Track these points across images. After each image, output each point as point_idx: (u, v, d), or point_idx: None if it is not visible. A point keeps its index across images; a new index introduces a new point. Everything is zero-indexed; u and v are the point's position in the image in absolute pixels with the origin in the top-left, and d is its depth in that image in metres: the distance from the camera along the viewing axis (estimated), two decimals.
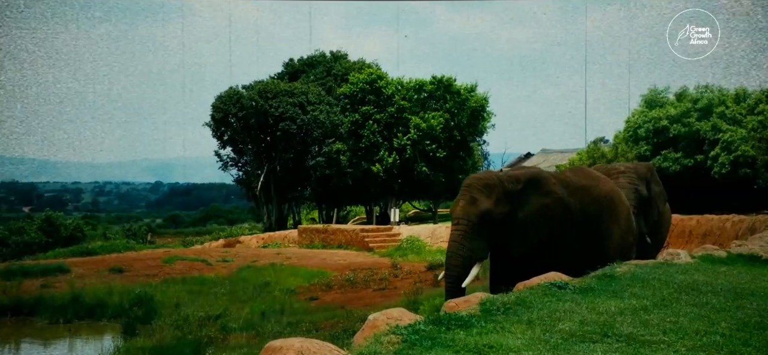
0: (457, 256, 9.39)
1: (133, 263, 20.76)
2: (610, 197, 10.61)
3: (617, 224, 10.54)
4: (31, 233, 30.33)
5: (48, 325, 15.19)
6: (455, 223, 9.59)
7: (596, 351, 5.14)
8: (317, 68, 40.56)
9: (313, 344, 4.96)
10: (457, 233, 9.49)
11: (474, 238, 9.39)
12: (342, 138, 36.64)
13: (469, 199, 9.55)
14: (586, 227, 10.15)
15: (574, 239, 10.05)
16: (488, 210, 9.44)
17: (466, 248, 9.37)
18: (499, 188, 9.68)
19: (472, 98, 37.63)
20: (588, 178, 10.80)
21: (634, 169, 12.88)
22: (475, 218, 9.40)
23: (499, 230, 9.56)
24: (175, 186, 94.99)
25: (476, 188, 9.67)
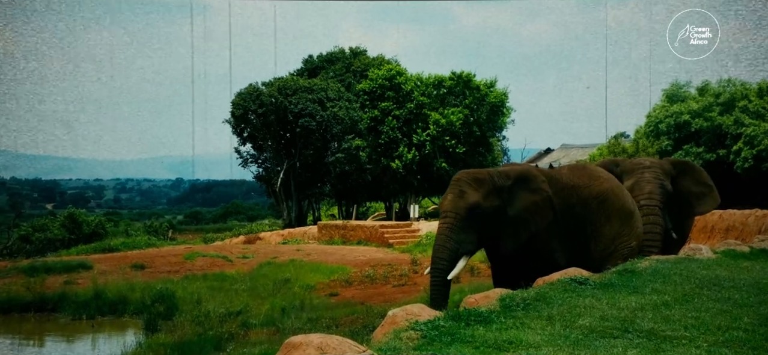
0: (444, 249, 9.33)
1: (155, 260, 20.90)
2: (602, 198, 10.25)
3: (609, 226, 10.21)
4: (54, 229, 30.58)
5: (71, 321, 15.34)
6: (443, 216, 9.55)
7: (617, 347, 5.11)
8: (336, 65, 40.59)
9: (333, 340, 4.98)
10: (444, 225, 9.45)
11: (461, 231, 9.34)
12: (361, 134, 36.65)
13: (458, 192, 9.53)
14: (570, 228, 10.00)
15: (560, 239, 9.93)
16: (477, 203, 9.41)
17: (453, 240, 9.32)
18: (489, 182, 9.66)
19: (491, 94, 37.49)
20: (583, 177, 10.52)
21: (659, 164, 12.65)
22: (463, 211, 9.36)
23: (488, 225, 9.53)
24: (196, 183, 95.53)
25: (465, 181, 9.64)
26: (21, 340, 14.30)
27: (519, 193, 9.73)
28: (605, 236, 10.17)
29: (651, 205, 11.68)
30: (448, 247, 9.29)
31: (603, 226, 10.18)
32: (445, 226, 9.42)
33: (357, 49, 42.00)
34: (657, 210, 11.68)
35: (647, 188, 11.82)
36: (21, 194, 79.12)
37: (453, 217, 9.36)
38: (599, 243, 10.12)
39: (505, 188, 9.69)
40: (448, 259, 9.29)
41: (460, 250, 9.35)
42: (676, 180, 12.53)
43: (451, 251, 9.29)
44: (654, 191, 11.77)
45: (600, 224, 10.17)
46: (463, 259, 9.38)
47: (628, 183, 11.93)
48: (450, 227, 9.34)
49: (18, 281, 17.43)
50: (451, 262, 9.29)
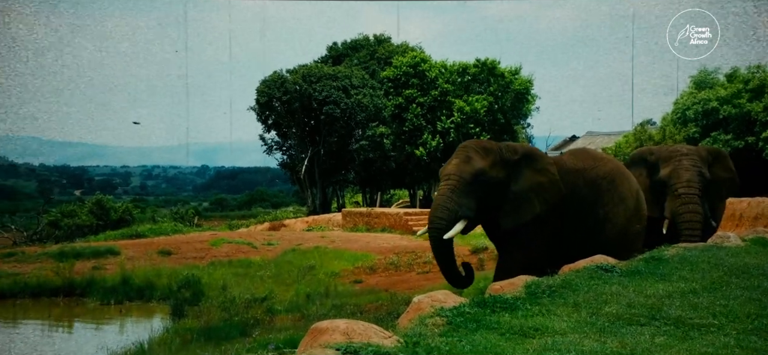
0: (443, 208, 9.21)
1: (181, 246, 21.08)
2: (610, 178, 10.12)
3: (624, 205, 10.07)
4: (82, 216, 30.92)
5: (99, 306, 15.53)
6: (446, 178, 9.40)
7: (644, 334, 5.09)
8: (360, 52, 40.59)
9: (358, 326, 5.00)
10: (446, 187, 9.31)
11: (463, 195, 9.22)
12: (385, 122, 36.64)
13: (464, 157, 9.42)
14: (579, 212, 9.82)
15: (568, 224, 9.78)
16: (482, 170, 9.31)
17: (454, 201, 9.19)
18: (497, 153, 9.58)
19: (516, 81, 37.30)
20: (586, 159, 10.39)
21: (696, 151, 12.46)
22: (468, 176, 9.26)
23: (490, 195, 9.39)
24: (221, 170, 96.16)
25: (473, 148, 9.56)
26: (51, 324, 14.51)
27: (525, 170, 9.62)
28: (620, 217, 10.00)
29: (690, 193, 11.53)
30: (448, 207, 9.17)
31: (616, 206, 10.01)
32: (447, 187, 9.29)
33: (381, 36, 41.95)
34: (696, 198, 11.51)
35: (686, 175, 11.65)
36: (50, 180, 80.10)
37: (456, 180, 9.26)
38: (615, 225, 9.95)
39: (512, 162, 9.61)
40: (446, 219, 9.16)
41: (460, 212, 9.22)
42: (711, 167, 12.37)
43: (450, 211, 9.17)
44: (693, 178, 11.60)
45: (613, 204, 10.00)
46: (460, 222, 9.22)
47: (666, 171, 11.79)
48: (452, 189, 9.23)
49: (47, 266, 17.68)
50: (449, 222, 9.15)
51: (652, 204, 12.03)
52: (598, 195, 9.94)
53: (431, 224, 9.32)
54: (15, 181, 75.99)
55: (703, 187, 11.68)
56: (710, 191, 12.04)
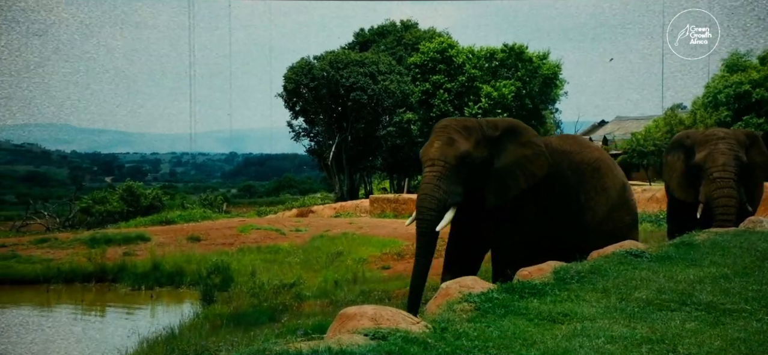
0: (432, 198, 8.62)
1: (210, 232, 21.26)
2: (595, 166, 9.69)
3: (605, 195, 9.65)
4: (113, 202, 31.29)
5: (130, 291, 15.72)
6: (430, 164, 8.78)
7: (674, 320, 5.04)
8: (387, 38, 40.54)
9: (386, 311, 5.02)
10: (432, 174, 8.71)
11: (451, 180, 8.67)
12: (412, 108, 36.60)
13: (447, 139, 8.82)
14: (563, 195, 9.42)
15: (553, 206, 9.37)
16: (467, 152, 8.77)
17: (442, 190, 8.61)
18: (479, 131, 9.05)
19: (544, 66, 37.07)
20: (573, 144, 10.01)
21: (733, 135, 12.19)
22: (453, 160, 8.70)
23: (475, 177, 8.92)
24: (249, 157, 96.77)
25: (454, 129, 8.95)
26: (83, 309, 14.73)
27: (508, 145, 9.16)
28: (601, 206, 9.60)
29: (725, 177, 11.29)
30: (437, 197, 8.60)
31: (598, 195, 9.61)
32: (432, 174, 8.70)
33: (408, 22, 41.86)
34: (731, 182, 11.26)
35: (721, 159, 11.42)
36: (81, 167, 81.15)
37: (442, 165, 8.68)
38: (595, 214, 9.54)
39: (494, 139, 9.12)
40: (436, 209, 8.60)
41: (449, 201, 8.67)
42: (748, 151, 12.12)
43: (439, 200, 8.61)
44: (728, 162, 11.36)
45: (594, 192, 9.60)
46: (450, 210, 8.68)
47: (701, 155, 11.60)
48: (438, 176, 8.64)
49: (80, 252, 17.93)
50: (439, 212, 8.62)
51: (687, 189, 11.87)
52: (581, 181, 9.55)
53: (420, 214, 8.73)
54: (47, 168, 77.10)
55: (739, 171, 11.43)
56: (747, 176, 11.81)
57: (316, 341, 4.48)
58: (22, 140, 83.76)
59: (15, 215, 35.44)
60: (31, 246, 19.52)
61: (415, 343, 4.36)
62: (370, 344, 4.30)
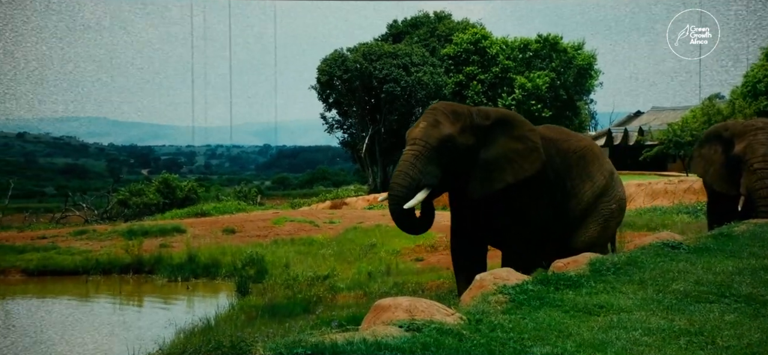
0: (405, 175, 8.43)
1: (245, 224, 21.41)
2: (581, 154, 9.52)
3: (590, 182, 9.45)
4: (149, 194, 31.64)
5: (167, 282, 15.91)
6: (411, 143, 8.60)
7: (713, 311, 4.99)
8: (421, 29, 40.43)
9: (421, 303, 5.02)
10: (410, 153, 8.54)
11: (428, 162, 8.47)
12: (446, 99, 36.48)
13: (432, 121, 8.64)
14: (552, 183, 9.22)
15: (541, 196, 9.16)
16: (451, 136, 8.55)
17: (417, 168, 8.42)
18: (467, 118, 8.83)
19: (579, 56, 36.74)
20: (560, 133, 9.85)
21: None
22: (435, 142, 8.50)
23: (457, 163, 8.69)
24: (283, 149, 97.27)
25: (442, 112, 8.78)
26: (121, 300, 14.94)
27: (499, 137, 8.92)
28: (586, 194, 9.42)
29: (765, 168, 11.12)
30: (411, 174, 8.42)
31: (583, 183, 9.43)
32: (411, 153, 8.53)
33: (441, 13, 41.69)
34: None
35: (761, 150, 11.21)
36: (118, 159, 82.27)
37: (422, 145, 8.50)
38: (580, 201, 9.38)
39: (483, 128, 8.88)
40: (407, 187, 8.40)
41: (423, 181, 8.48)
42: None
43: (412, 178, 8.41)
44: (766, 154, 11.18)
45: (580, 180, 9.42)
46: (423, 191, 8.48)
47: (740, 146, 11.40)
48: (416, 155, 8.48)
49: (117, 244, 18.18)
50: (409, 191, 8.41)
51: (727, 181, 11.67)
52: (568, 168, 9.39)
53: (391, 190, 8.59)
54: (85, 160, 78.28)
55: None
56: None
57: (351, 332, 4.50)
58: (61, 133, 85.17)
59: (54, 206, 36.02)
60: (71, 238, 19.85)
61: (450, 334, 4.36)
62: (405, 335, 4.31)
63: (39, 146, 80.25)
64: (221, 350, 7.36)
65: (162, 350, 8.14)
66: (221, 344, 7.54)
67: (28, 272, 16.72)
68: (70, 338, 11.39)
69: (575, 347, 4.23)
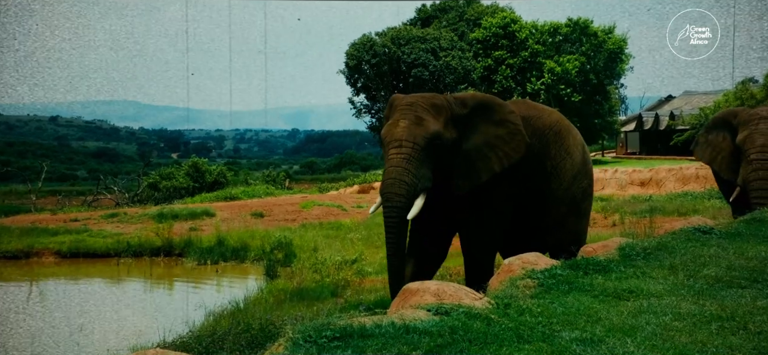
0: (402, 183, 7.71)
1: (273, 208, 21.53)
2: (556, 130, 8.99)
3: (570, 160, 9.00)
4: (179, 178, 31.91)
5: (196, 265, 16.06)
6: (397, 145, 7.81)
7: (745, 297, 4.93)
8: (449, 13, 40.24)
9: (449, 287, 5.03)
10: (400, 157, 7.75)
11: (420, 164, 7.77)
12: (474, 84, 36.33)
13: (414, 118, 7.89)
14: (530, 165, 8.64)
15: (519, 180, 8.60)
16: (438, 132, 7.87)
17: (411, 174, 7.71)
18: (448, 109, 8.13)
19: (609, 40, 36.34)
20: (531, 108, 9.20)
21: None
22: (423, 141, 7.78)
23: (443, 160, 8.03)
24: (311, 133, 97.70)
25: (422, 107, 7.99)
26: (152, 282, 15.12)
27: (479, 124, 8.34)
28: (566, 172, 8.96)
29: (762, 159, 10.75)
30: (407, 181, 7.70)
31: (563, 160, 8.94)
32: (401, 157, 7.75)
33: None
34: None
35: (760, 140, 10.86)
36: (149, 143, 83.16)
37: (411, 147, 7.75)
38: (562, 181, 8.90)
39: (463, 117, 8.26)
40: (406, 195, 7.73)
41: (418, 186, 7.79)
42: None
43: (409, 185, 7.72)
44: (766, 143, 10.84)
45: (560, 158, 8.91)
46: (420, 197, 7.82)
47: (742, 135, 11.07)
48: (407, 159, 7.73)
49: (148, 227, 18.38)
50: (409, 198, 7.75)
51: (735, 171, 11.37)
52: (546, 147, 8.84)
53: (389, 202, 7.82)
54: (117, 144, 79.22)
55: None
56: None
57: (380, 316, 4.51)
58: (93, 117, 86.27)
59: (86, 190, 36.52)
60: (102, 221, 20.11)
61: (478, 318, 4.36)
62: (433, 319, 4.32)
63: (71, 130, 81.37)
64: (250, 332, 7.43)
65: (192, 332, 8.23)
66: (250, 326, 7.62)
67: (61, 254, 16.99)
68: (101, 319, 11.56)
69: (604, 332, 4.20)
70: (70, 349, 9.62)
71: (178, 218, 19.81)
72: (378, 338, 3.96)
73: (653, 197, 21.68)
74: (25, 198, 31.57)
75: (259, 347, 6.73)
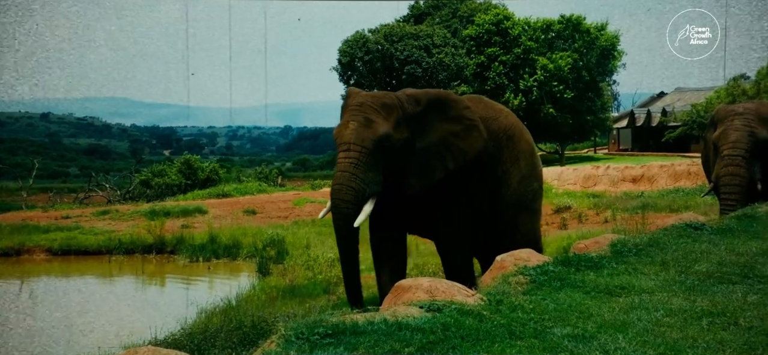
0: (349, 189, 7.53)
1: (265, 205, 21.52)
2: (509, 134, 8.86)
3: (517, 166, 8.86)
4: (171, 175, 31.80)
5: (189, 263, 16.04)
6: (345, 149, 7.61)
7: (736, 293, 4.95)
8: (442, 10, 40.23)
9: (442, 284, 5.03)
10: (347, 162, 7.56)
11: (369, 168, 7.56)
12: (467, 81, 36.34)
13: (363, 120, 7.65)
14: (485, 171, 8.54)
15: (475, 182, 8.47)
16: (387, 135, 7.63)
17: (359, 179, 7.52)
18: (399, 108, 7.88)
19: (602, 37, 36.41)
20: (488, 108, 8.98)
21: (754, 109, 11.39)
22: (371, 144, 7.56)
23: (394, 161, 7.80)
24: (304, 130, 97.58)
25: (371, 107, 7.75)
26: (144, 279, 15.09)
27: (433, 121, 8.06)
28: (514, 177, 8.82)
29: (733, 155, 10.62)
30: (354, 187, 7.52)
31: (513, 166, 8.81)
32: (348, 162, 7.56)
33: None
34: (739, 160, 10.56)
35: (733, 136, 10.76)
36: (141, 140, 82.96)
37: (359, 151, 7.54)
38: (510, 186, 8.76)
39: (416, 116, 7.99)
40: (353, 202, 7.55)
41: (367, 191, 7.59)
42: None
43: (357, 191, 7.53)
44: (739, 139, 10.70)
45: (510, 163, 8.79)
46: (369, 202, 7.64)
47: (718, 132, 11.02)
48: (355, 164, 7.53)
49: (140, 224, 18.35)
50: (356, 205, 7.57)
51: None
52: (499, 151, 8.70)
53: (337, 208, 7.67)
54: (108, 141, 78.99)
55: (753, 148, 10.52)
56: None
57: (372, 313, 4.51)
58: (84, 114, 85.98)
59: (78, 187, 36.38)
60: (94, 218, 20.06)
61: (471, 315, 4.36)
62: (426, 316, 4.32)
63: (63, 127, 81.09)
64: (242, 329, 7.43)
65: (184, 329, 8.22)
66: (242, 323, 7.61)
67: (52, 251, 16.94)
68: (93, 316, 11.53)
69: (596, 328, 4.21)
70: (62, 347, 9.59)
71: (170, 215, 19.78)
72: (370, 335, 3.96)
73: (645, 193, 21.74)
74: (16, 195, 31.46)
75: (251, 344, 6.72)
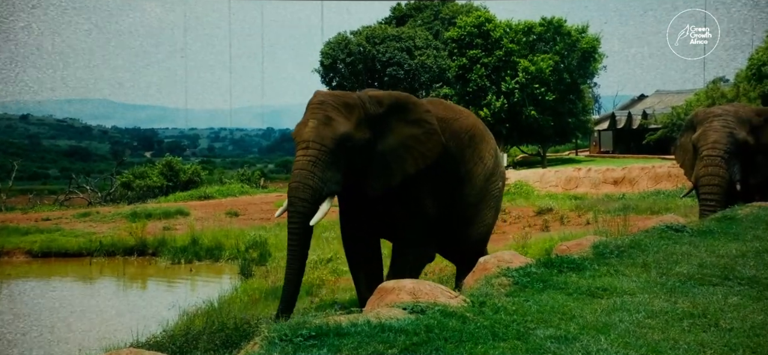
0: (306, 187, 7.47)
1: (248, 207, 21.46)
2: (471, 133, 8.85)
3: (481, 165, 8.87)
4: (153, 177, 31.64)
5: (170, 265, 15.96)
6: (304, 147, 7.56)
7: (716, 294, 4.99)
8: (424, 12, 40.32)
9: (425, 286, 5.03)
10: (306, 159, 7.51)
11: (327, 167, 7.52)
12: (449, 83, 36.44)
13: (323, 118, 7.59)
14: (446, 169, 8.48)
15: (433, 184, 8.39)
16: (348, 134, 7.57)
17: (316, 177, 7.46)
18: (361, 108, 7.83)
19: (583, 39, 36.61)
20: (447, 110, 9.02)
21: (733, 111, 11.39)
22: (331, 143, 7.50)
23: (355, 162, 7.75)
24: (286, 132, 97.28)
25: (332, 106, 7.69)
26: (125, 282, 15.00)
27: (394, 124, 8.06)
28: (479, 177, 8.83)
29: (712, 155, 10.66)
30: (311, 185, 7.47)
31: (476, 166, 8.82)
32: (306, 160, 7.51)
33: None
34: (718, 160, 10.62)
35: (712, 137, 10.81)
36: (122, 142, 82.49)
37: (317, 149, 7.49)
38: (474, 186, 8.77)
39: (377, 117, 7.94)
40: (310, 200, 7.49)
41: (324, 190, 7.55)
42: (759, 130, 11.32)
43: (314, 190, 7.48)
44: (719, 140, 10.76)
45: (473, 163, 8.78)
46: (326, 201, 7.60)
47: (697, 134, 11.07)
48: (313, 162, 7.48)
49: (121, 226, 18.24)
50: (313, 204, 7.51)
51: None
52: (461, 151, 8.69)
53: (293, 206, 7.59)
54: (89, 143, 78.45)
55: (733, 149, 10.54)
56: (752, 156, 11.04)
57: (355, 314, 4.50)
58: (65, 115, 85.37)
59: (58, 188, 36.11)
60: (74, 220, 19.92)
61: (454, 317, 4.37)
62: (409, 317, 4.32)
63: (43, 128, 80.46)
64: (225, 331, 7.40)
65: (166, 332, 8.18)
66: (225, 325, 7.58)
67: (32, 253, 16.81)
68: (73, 319, 11.44)
69: (578, 330, 4.23)
70: (42, 350, 9.51)
71: (152, 217, 19.68)
72: (354, 337, 3.95)
73: (626, 195, 21.87)
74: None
75: (233, 346, 6.70)
